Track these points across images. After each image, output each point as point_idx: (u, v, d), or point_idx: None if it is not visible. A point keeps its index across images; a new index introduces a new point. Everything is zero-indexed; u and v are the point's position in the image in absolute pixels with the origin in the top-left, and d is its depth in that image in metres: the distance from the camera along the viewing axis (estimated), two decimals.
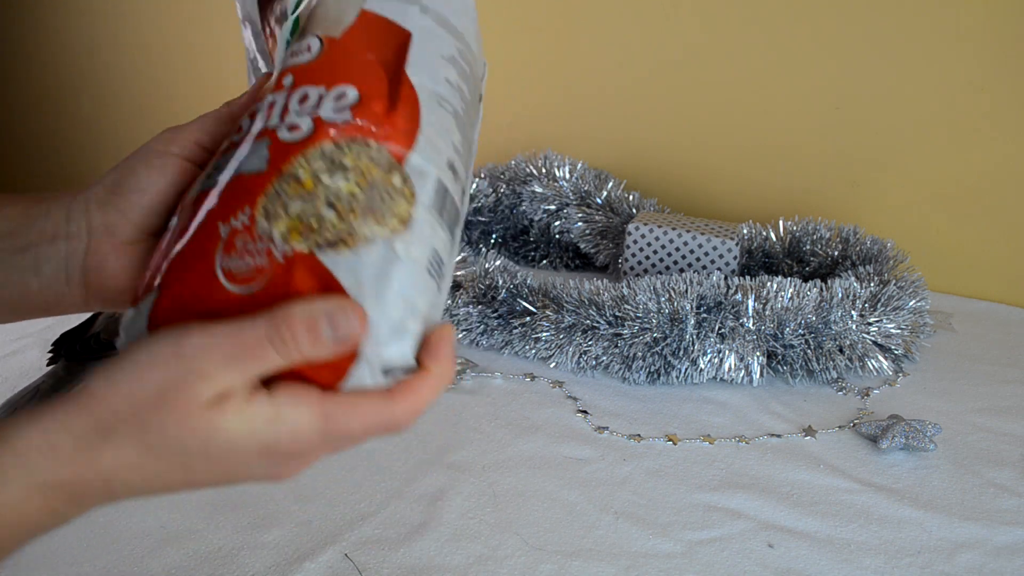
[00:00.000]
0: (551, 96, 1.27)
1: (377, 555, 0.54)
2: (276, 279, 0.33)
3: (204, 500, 0.59)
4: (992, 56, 0.96)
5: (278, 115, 0.36)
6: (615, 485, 0.63)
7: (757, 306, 0.76)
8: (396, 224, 0.34)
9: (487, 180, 1.11)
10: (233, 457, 0.33)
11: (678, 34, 1.14)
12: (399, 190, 0.34)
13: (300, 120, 0.35)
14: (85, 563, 0.53)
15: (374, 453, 0.66)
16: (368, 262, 0.33)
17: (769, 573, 0.54)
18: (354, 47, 0.38)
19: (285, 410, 0.33)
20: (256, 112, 0.37)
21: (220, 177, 0.36)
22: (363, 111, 0.36)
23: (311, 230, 0.33)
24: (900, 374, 0.80)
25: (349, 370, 0.33)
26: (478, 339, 0.83)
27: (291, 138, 0.35)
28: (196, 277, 0.34)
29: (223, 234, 0.34)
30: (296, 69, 0.38)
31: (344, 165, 0.34)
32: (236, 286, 0.33)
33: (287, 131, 0.35)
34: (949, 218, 1.03)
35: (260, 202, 0.34)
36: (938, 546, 0.57)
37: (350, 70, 0.37)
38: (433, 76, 0.38)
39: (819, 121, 1.07)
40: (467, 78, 0.41)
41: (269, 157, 0.35)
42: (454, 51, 0.40)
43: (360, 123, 0.35)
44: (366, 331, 0.33)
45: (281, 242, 0.33)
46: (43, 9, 1.82)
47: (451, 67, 0.39)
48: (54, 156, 1.98)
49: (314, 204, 0.33)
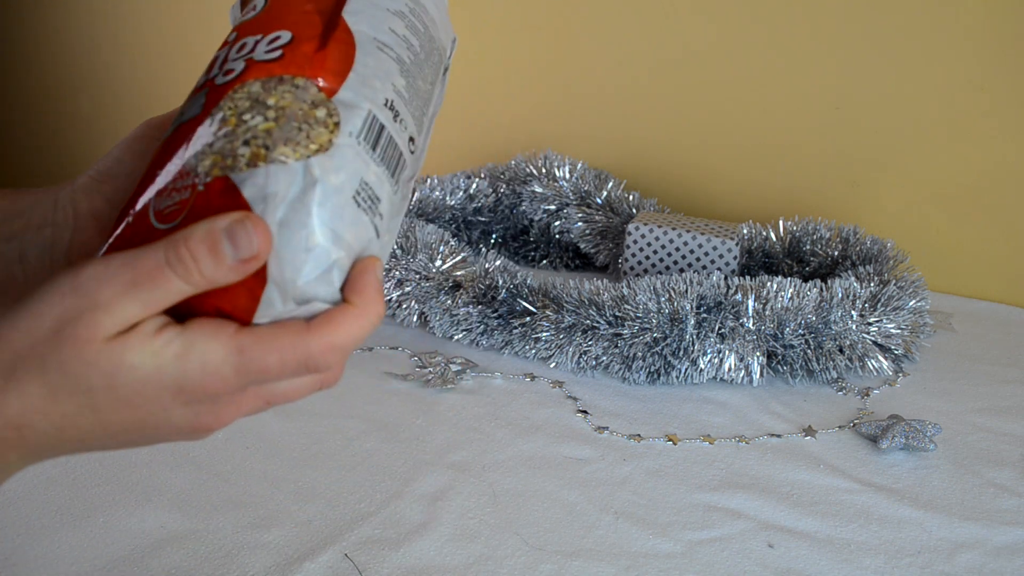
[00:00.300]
0: (551, 96, 1.27)
1: (377, 555, 0.54)
2: (195, 208, 0.32)
3: (204, 500, 0.59)
4: (992, 56, 0.96)
5: (218, 66, 0.37)
6: (615, 485, 0.63)
7: (757, 306, 0.76)
8: (314, 149, 0.33)
9: (487, 180, 1.11)
10: (143, 396, 0.31)
11: (678, 34, 1.14)
12: (321, 120, 0.34)
13: (234, 64, 0.36)
14: (85, 563, 0.53)
15: (374, 453, 0.66)
16: (279, 179, 0.32)
17: (769, 573, 0.54)
18: (295, 1, 0.38)
19: (196, 344, 0.31)
20: (204, 72, 0.38)
21: (167, 134, 0.36)
22: (294, 51, 0.36)
23: (228, 163, 0.33)
24: (900, 374, 0.81)
25: (260, 296, 0.32)
26: (478, 339, 0.83)
27: (224, 80, 0.35)
28: (135, 225, 0.34)
29: (160, 183, 0.34)
30: (240, 26, 0.38)
31: (266, 104, 0.34)
32: (164, 224, 0.33)
33: (222, 75, 0.36)
34: (949, 218, 1.03)
35: (191, 142, 0.34)
36: (938, 546, 0.57)
37: (287, 18, 0.37)
38: (373, 24, 0.38)
39: (819, 121, 1.07)
40: (417, 33, 0.40)
41: (204, 102, 0.35)
42: (402, 6, 0.40)
43: (288, 58, 0.35)
44: (271, 249, 0.31)
45: (204, 175, 0.33)
46: (43, 9, 1.82)
47: (397, 19, 0.39)
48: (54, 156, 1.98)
49: (232, 144, 0.33)
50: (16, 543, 0.54)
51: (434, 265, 0.85)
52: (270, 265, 0.31)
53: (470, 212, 1.10)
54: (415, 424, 0.70)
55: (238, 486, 0.61)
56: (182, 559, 0.54)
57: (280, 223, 0.31)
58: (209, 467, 0.63)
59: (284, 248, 0.31)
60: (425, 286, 0.85)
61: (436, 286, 0.85)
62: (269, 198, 0.31)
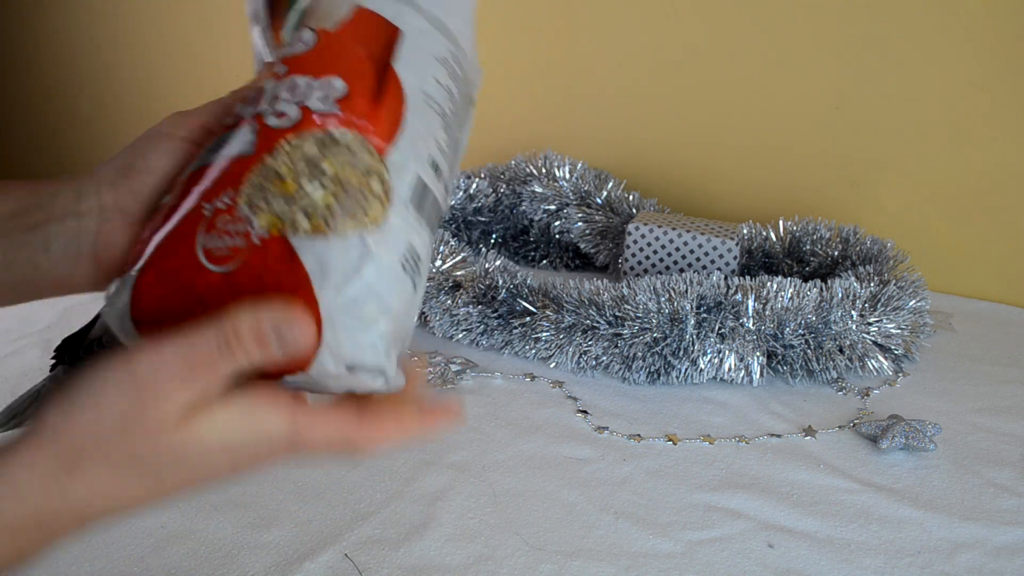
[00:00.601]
0: (551, 96, 1.27)
1: (377, 555, 0.54)
2: (251, 261, 0.34)
3: (204, 500, 0.59)
4: (992, 56, 0.96)
5: (268, 102, 0.37)
6: (615, 485, 0.63)
7: (757, 306, 0.76)
8: (369, 223, 0.34)
9: (487, 180, 1.11)
10: (204, 464, 0.33)
11: (678, 34, 1.14)
12: (376, 194, 0.35)
13: (288, 108, 0.37)
14: (85, 563, 0.53)
15: None
16: (336, 251, 0.34)
17: (769, 573, 0.54)
18: (346, 41, 0.39)
19: (256, 414, 0.33)
20: (248, 99, 0.39)
21: (210, 158, 0.37)
22: (348, 104, 0.37)
23: (288, 227, 0.34)
24: (900, 374, 0.80)
25: (313, 359, 0.34)
26: (478, 339, 0.83)
27: (278, 124, 0.36)
28: (179, 254, 0.35)
29: (207, 214, 0.35)
30: (290, 59, 0.39)
31: (324, 171, 0.35)
32: (214, 265, 0.34)
33: (275, 117, 0.37)
34: (949, 218, 1.03)
35: (244, 188, 0.35)
36: (938, 546, 0.57)
37: (339, 62, 0.38)
38: (422, 75, 0.39)
39: (819, 121, 1.07)
40: (457, 80, 0.41)
41: (256, 142, 0.36)
42: (446, 52, 0.41)
43: (344, 116, 0.36)
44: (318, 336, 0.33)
45: (260, 229, 0.34)
46: (43, 9, 1.82)
47: (441, 68, 0.40)
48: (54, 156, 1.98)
49: (291, 208, 0.34)
50: None
51: (434, 265, 0.85)
52: (325, 331, 0.33)
53: (470, 212, 1.10)
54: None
55: (238, 486, 0.61)
56: (182, 559, 0.54)
57: (336, 291, 0.33)
58: None
59: (338, 316, 0.33)
60: (425, 286, 0.85)
61: (436, 286, 0.85)
62: (327, 270, 0.33)
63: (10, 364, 0.79)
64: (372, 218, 0.34)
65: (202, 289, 0.34)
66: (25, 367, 0.78)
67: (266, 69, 0.40)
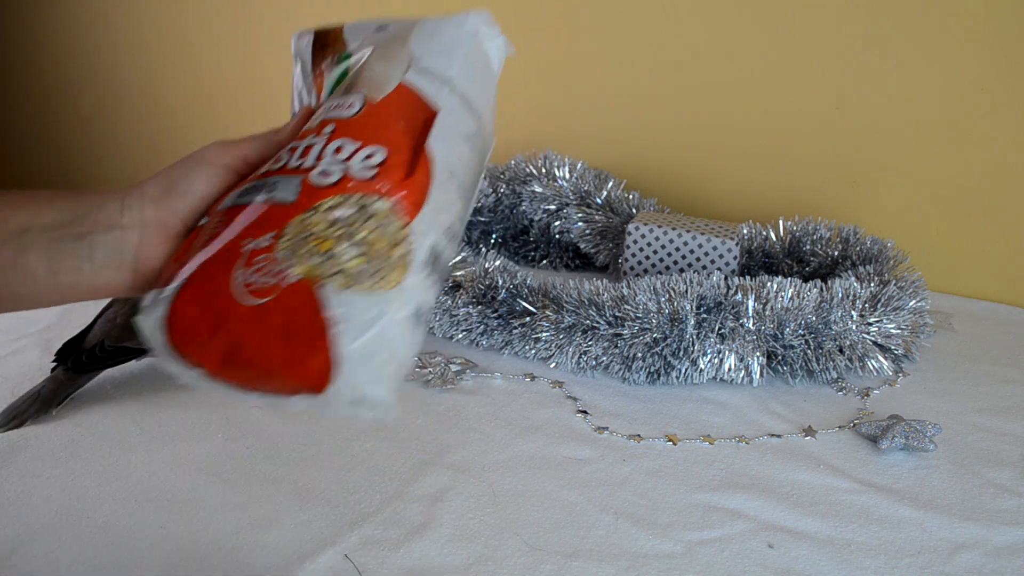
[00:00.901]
0: (551, 96, 1.27)
1: (377, 555, 0.54)
2: (282, 300, 0.38)
3: (204, 500, 0.59)
4: (992, 56, 0.96)
5: (314, 157, 0.43)
6: (615, 485, 0.63)
7: (757, 306, 0.76)
8: (389, 285, 0.39)
9: (487, 180, 1.11)
10: None
11: (678, 34, 1.14)
12: (398, 261, 0.40)
13: (332, 168, 0.42)
14: (85, 563, 0.53)
15: (374, 454, 0.66)
16: (358, 306, 0.38)
17: (769, 573, 0.54)
18: (389, 113, 0.44)
19: None
20: (296, 148, 0.44)
21: (256, 198, 0.42)
22: (385, 173, 0.42)
23: (318, 279, 0.39)
24: (900, 374, 0.80)
25: (325, 389, 0.38)
26: (478, 339, 0.83)
27: (321, 182, 0.41)
28: (216, 280, 0.39)
29: (247, 249, 0.40)
30: (339, 121, 0.44)
31: (357, 235, 0.40)
32: (249, 298, 0.38)
33: (319, 175, 0.42)
34: (949, 218, 1.03)
35: (284, 234, 0.40)
36: (938, 546, 0.57)
37: (382, 133, 0.43)
38: (449, 152, 0.44)
39: (819, 121, 1.07)
40: (478, 153, 0.47)
41: (299, 192, 0.41)
42: (472, 130, 0.46)
43: (380, 184, 0.41)
44: (332, 373, 0.37)
45: (294, 275, 0.39)
46: (43, 9, 1.82)
47: (466, 145, 0.46)
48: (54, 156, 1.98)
49: (325, 264, 0.39)
50: (16, 543, 0.54)
51: None
52: (340, 371, 0.38)
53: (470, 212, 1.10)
54: (415, 424, 0.70)
55: (238, 486, 0.61)
56: (182, 559, 0.54)
57: (353, 339, 0.38)
58: (209, 467, 0.63)
59: (353, 360, 0.38)
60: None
61: None
62: (349, 321, 0.38)
63: (10, 364, 0.79)
64: (392, 281, 0.39)
65: (233, 316, 0.38)
66: (25, 367, 0.78)
67: (314, 121, 0.45)
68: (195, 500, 0.59)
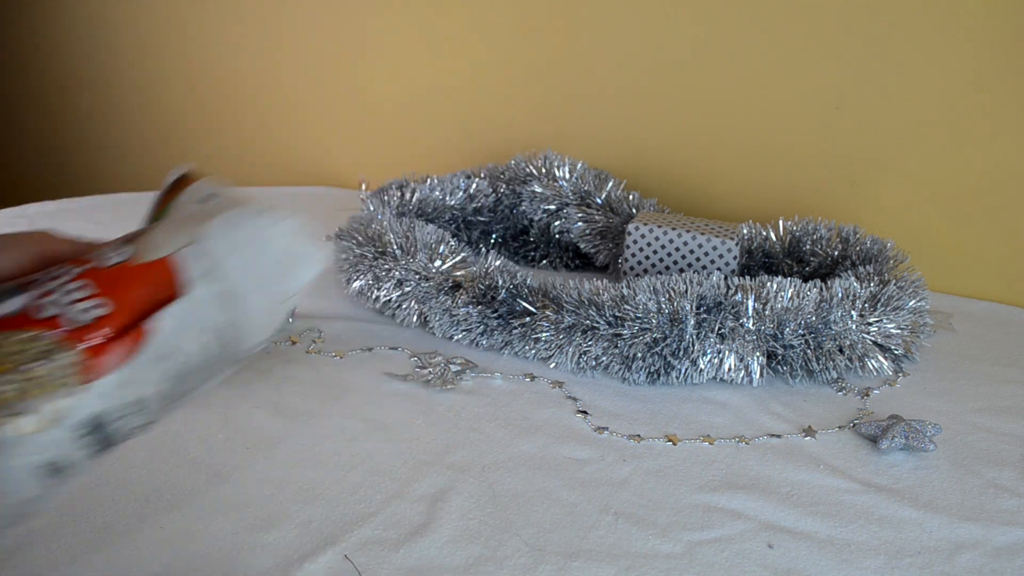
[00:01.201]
0: (551, 96, 1.27)
1: (377, 556, 0.54)
2: None
3: (204, 500, 0.59)
4: (992, 57, 0.96)
5: (55, 286, 0.43)
6: (615, 485, 0.63)
7: (757, 306, 0.76)
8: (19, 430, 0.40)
9: (487, 180, 1.11)
10: None
11: (678, 34, 1.14)
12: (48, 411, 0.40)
13: (54, 304, 0.43)
14: (84, 563, 0.53)
15: (374, 454, 0.66)
16: None
17: (769, 573, 0.54)
18: (140, 277, 0.45)
19: None
20: (61, 272, 0.44)
21: None
22: (95, 327, 0.42)
23: None
24: (900, 374, 0.81)
25: None
26: (478, 339, 0.83)
27: (36, 313, 0.42)
28: None
29: None
30: (96, 266, 0.45)
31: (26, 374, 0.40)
32: None
33: (38, 305, 0.42)
34: (949, 218, 1.03)
35: None
36: (938, 546, 0.57)
37: (120, 293, 0.44)
38: (175, 335, 0.44)
39: (819, 121, 1.07)
40: (224, 346, 0.47)
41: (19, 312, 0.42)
42: (221, 323, 0.46)
43: (87, 335, 0.42)
44: None
45: None
46: (43, 9, 1.82)
47: (207, 335, 0.46)
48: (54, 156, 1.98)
49: None
50: (16, 543, 0.54)
51: (434, 265, 0.85)
52: None
53: (470, 212, 1.10)
54: (415, 425, 0.70)
55: (238, 486, 0.61)
56: (182, 559, 0.54)
57: None
58: (209, 467, 0.63)
59: None
60: (425, 286, 0.85)
61: (436, 286, 0.85)
62: None
63: None
64: (26, 427, 0.40)
65: None
66: None
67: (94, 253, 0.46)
68: (195, 500, 0.59)
